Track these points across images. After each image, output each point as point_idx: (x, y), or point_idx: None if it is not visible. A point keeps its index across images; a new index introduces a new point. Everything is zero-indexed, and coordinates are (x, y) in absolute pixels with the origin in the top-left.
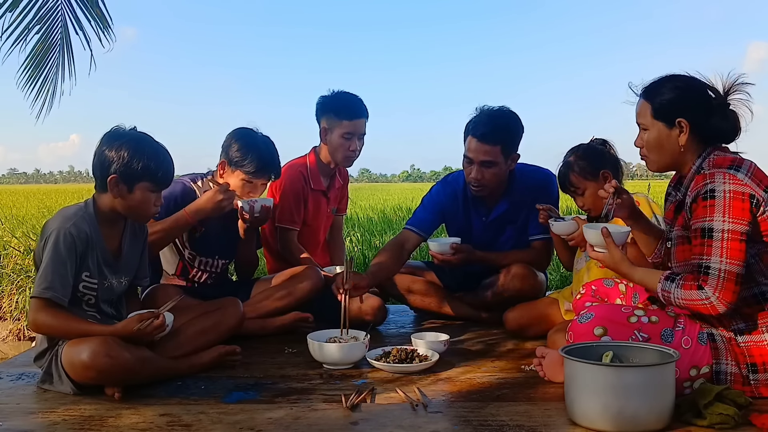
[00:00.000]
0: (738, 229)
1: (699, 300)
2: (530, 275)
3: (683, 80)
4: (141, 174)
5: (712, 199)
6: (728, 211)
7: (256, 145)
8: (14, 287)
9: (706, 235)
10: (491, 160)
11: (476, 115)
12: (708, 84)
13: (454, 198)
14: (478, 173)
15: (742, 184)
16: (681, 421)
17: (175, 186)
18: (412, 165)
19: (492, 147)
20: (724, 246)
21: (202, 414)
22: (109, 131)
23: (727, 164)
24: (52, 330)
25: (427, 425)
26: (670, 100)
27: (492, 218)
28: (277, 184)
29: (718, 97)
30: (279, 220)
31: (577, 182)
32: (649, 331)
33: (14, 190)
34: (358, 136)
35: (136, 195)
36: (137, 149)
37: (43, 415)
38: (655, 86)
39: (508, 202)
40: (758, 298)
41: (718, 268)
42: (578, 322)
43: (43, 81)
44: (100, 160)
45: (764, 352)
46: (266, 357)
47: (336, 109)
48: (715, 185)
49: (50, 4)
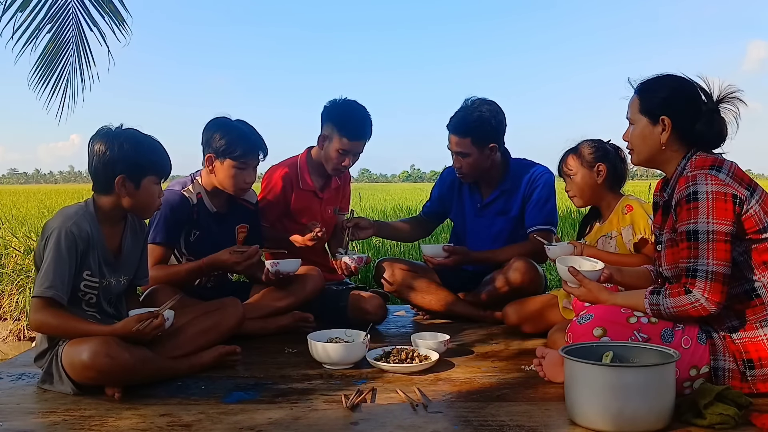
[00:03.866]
0: (723, 230)
1: (689, 303)
2: (531, 269)
3: (676, 81)
4: (147, 169)
5: (695, 201)
6: (712, 212)
7: (237, 128)
8: (14, 287)
9: (692, 237)
10: (462, 151)
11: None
12: (702, 88)
13: (451, 186)
14: (456, 162)
15: (724, 184)
16: (681, 421)
17: (170, 194)
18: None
19: (461, 139)
20: (710, 247)
21: (202, 414)
22: (99, 132)
23: (708, 165)
24: (53, 329)
25: (427, 425)
26: (657, 97)
27: (485, 203)
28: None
29: (709, 102)
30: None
31: (572, 165)
32: (648, 332)
33: (14, 190)
34: (354, 154)
35: (143, 190)
36: (138, 146)
37: (43, 415)
38: (648, 83)
39: (500, 190)
40: (749, 294)
41: (706, 270)
42: (577, 323)
43: (56, 80)
44: (101, 162)
45: (759, 347)
46: (266, 357)
47: (341, 123)
48: (698, 187)
49: (61, 3)
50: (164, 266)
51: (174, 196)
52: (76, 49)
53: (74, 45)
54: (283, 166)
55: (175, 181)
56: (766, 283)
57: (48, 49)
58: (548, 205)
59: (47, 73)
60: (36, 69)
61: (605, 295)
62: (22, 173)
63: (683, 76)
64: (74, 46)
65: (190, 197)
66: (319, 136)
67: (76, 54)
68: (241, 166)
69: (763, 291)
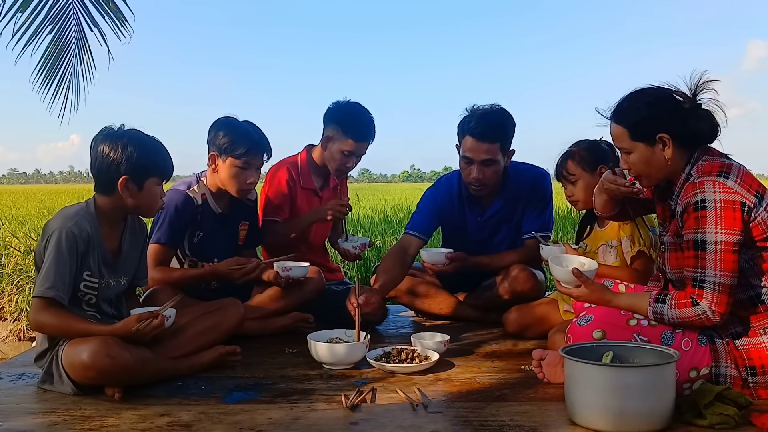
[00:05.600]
0: (731, 240)
1: (695, 316)
2: (530, 277)
3: (650, 94)
4: (150, 171)
5: (704, 210)
6: (720, 221)
7: (242, 128)
8: (14, 287)
9: (699, 247)
10: (491, 158)
11: (470, 115)
12: (674, 90)
13: (449, 199)
14: (479, 173)
15: (733, 192)
16: (681, 421)
17: (176, 194)
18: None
19: (491, 145)
20: (718, 258)
21: (202, 414)
22: (102, 132)
23: (716, 171)
24: (53, 329)
25: (427, 425)
26: (643, 119)
27: (487, 217)
28: (266, 180)
29: (687, 100)
30: (265, 214)
31: (573, 170)
32: (648, 334)
33: (14, 190)
34: (358, 155)
35: (145, 192)
36: (141, 147)
37: (43, 415)
38: (624, 108)
39: (503, 200)
40: (754, 301)
41: (713, 281)
42: (577, 324)
43: (59, 81)
44: (105, 164)
45: (762, 354)
46: (266, 357)
47: (346, 124)
48: (706, 195)
49: (62, 3)
50: (167, 269)
51: (179, 196)
52: (78, 49)
53: (76, 46)
54: (285, 164)
55: (180, 181)
56: None
57: (50, 51)
58: (547, 211)
59: (50, 74)
60: (39, 70)
61: (609, 296)
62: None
63: (652, 86)
64: (76, 47)
65: (194, 198)
66: (323, 137)
67: (78, 55)
68: (244, 166)
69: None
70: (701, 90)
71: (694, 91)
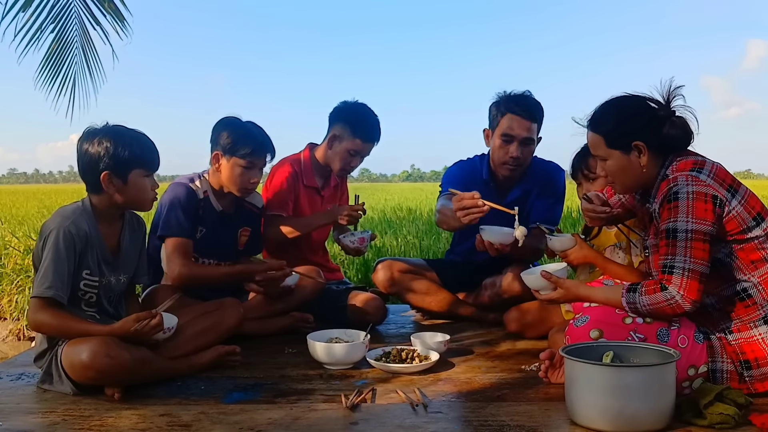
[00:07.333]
0: (701, 230)
1: (664, 301)
2: None
3: (624, 103)
4: (130, 161)
5: (676, 201)
6: (691, 211)
7: (246, 127)
8: (14, 287)
9: (670, 235)
10: (531, 136)
11: (508, 95)
12: (648, 97)
13: (473, 179)
14: (518, 151)
15: (705, 185)
16: (681, 421)
17: (178, 187)
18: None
19: (532, 123)
20: (688, 245)
21: (202, 414)
22: (83, 132)
23: (689, 167)
24: (52, 329)
25: (428, 425)
26: (619, 127)
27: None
28: (269, 175)
29: (661, 107)
30: (269, 208)
31: (595, 167)
32: (644, 332)
33: (14, 190)
34: (363, 155)
35: (131, 185)
36: (118, 139)
37: (43, 415)
38: (599, 116)
39: (521, 189)
40: (741, 295)
41: (682, 267)
42: (574, 325)
43: (62, 80)
44: (86, 162)
45: (755, 347)
46: (266, 357)
47: (354, 124)
48: (678, 188)
49: (63, 2)
50: (195, 264)
51: (181, 188)
52: (81, 48)
53: (79, 45)
54: (288, 161)
55: (182, 176)
56: (756, 283)
57: (52, 49)
58: (557, 206)
59: (53, 73)
60: (42, 69)
61: (584, 291)
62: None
63: (626, 94)
64: (79, 45)
65: (197, 191)
66: (329, 136)
67: (82, 53)
68: (248, 165)
69: (755, 291)
70: (674, 97)
71: (667, 98)
